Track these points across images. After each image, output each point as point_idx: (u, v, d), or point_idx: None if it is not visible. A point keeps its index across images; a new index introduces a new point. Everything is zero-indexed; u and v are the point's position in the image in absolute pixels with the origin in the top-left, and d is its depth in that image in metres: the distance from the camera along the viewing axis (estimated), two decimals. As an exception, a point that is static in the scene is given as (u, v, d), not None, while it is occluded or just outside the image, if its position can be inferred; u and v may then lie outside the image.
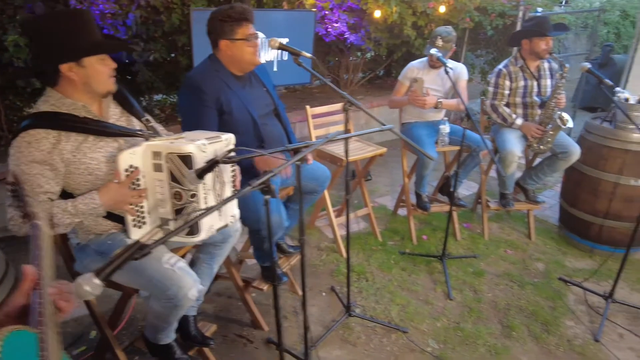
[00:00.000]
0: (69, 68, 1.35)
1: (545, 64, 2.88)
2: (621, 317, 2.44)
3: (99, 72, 1.40)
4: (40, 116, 1.37)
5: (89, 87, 1.41)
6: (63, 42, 1.36)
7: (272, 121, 2.09)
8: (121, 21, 3.38)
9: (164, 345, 1.66)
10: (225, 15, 1.85)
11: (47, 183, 1.35)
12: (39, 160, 1.33)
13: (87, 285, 0.91)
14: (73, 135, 1.39)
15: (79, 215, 1.35)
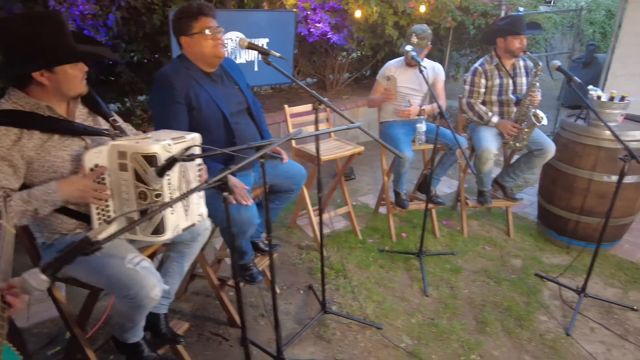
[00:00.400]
0: (40, 74, 1.36)
1: (521, 62, 2.91)
2: (594, 311, 2.47)
3: (70, 77, 1.41)
4: (1, 114, 1.37)
5: (59, 91, 1.43)
6: (36, 49, 1.36)
7: (244, 119, 2.10)
8: (102, 22, 3.38)
9: (132, 344, 1.67)
10: (181, 13, 1.88)
11: (5, 179, 1.36)
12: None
13: (33, 281, 0.92)
14: (37, 133, 1.40)
15: (32, 201, 1.35)
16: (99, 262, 1.45)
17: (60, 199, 1.41)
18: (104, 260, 1.45)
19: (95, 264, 1.45)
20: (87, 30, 3.31)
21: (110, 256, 1.46)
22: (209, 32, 1.92)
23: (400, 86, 2.91)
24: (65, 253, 0.97)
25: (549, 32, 8.21)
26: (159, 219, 1.50)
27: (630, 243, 3.10)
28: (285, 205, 2.48)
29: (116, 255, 1.46)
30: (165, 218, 1.51)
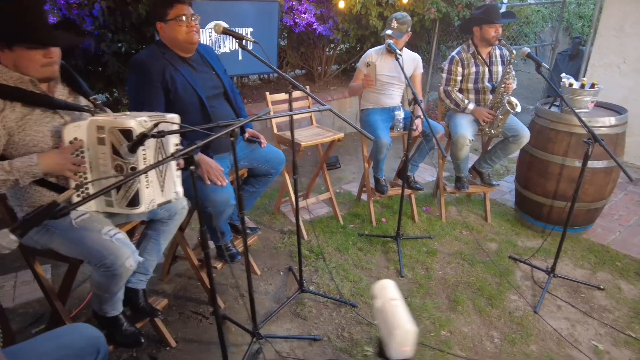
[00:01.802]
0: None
1: (497, 50, 2.99)
2: (562, 290, 2.56)
3: (27, 60, 1.45)
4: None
5: (19, 70, 1.47)
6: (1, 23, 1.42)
7: (221, 103, 2.17)
8: (87, 12, 3.42)
9: (111, 318, 1.74)
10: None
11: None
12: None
13: (2, 240, 0.99)
14: (18, 106, 1.46)
15: (14, 172, 1.41)
16: (78, 234, 1.52)
17: (41, 171, 1.47)
18: (82, 232, 1.52)
19: (74, 236, 1.52)
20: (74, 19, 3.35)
21: (87, 229, 1.53)
22: (184, 19, 1.99)
23: (380, 74, 2.97)
24: (33, 215, 1.03)
25: (538, 25, 8.28)
26: (134, 192, 1.57)
27: (603, 227, 3.20)
28: (264, 189, 2.55)
29: (93, 228, 1.53)
30: (140, 191, 1.58)
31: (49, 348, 1.10)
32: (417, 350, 2.10)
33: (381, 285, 0.86)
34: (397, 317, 0.81)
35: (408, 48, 3.09)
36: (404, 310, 0.82)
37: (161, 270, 2.61)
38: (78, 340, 1.15)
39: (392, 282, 0.89)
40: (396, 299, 0.84)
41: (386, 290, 0.86)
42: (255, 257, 2.81)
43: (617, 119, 2.73)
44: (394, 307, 0.82)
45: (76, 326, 1.23)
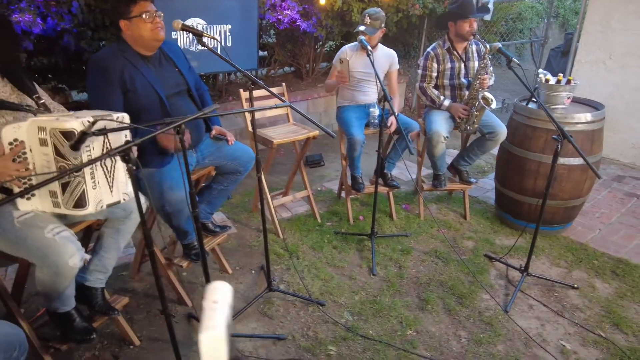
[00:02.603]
0: None
1: (473, 46, 2.95)
2: (536, 289, 2.53)
3: None
4: None
5: None
6: None
7: (183, 100, 2.15)
8: (66, 9, 3.41)
9: (63, 314, 1.73)
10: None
11: None
12: None
13: None
14: None
15: None
16: (20, 233, 1.51)
17: None
18: (24, 231, 1.51)
19: (17, 235, 1.51)
20: (51, 17, 3.35)
21: (31, 227, 1.52)
22: (148, 15, 1.97)
23: (355, 70, 2.94)
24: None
25: (533, 21, 8.20)
26: (79, 193, 1.56)
27: (583, 225, 3.15)
28: (233, 187, 2.52)
29: (37, 226, 1.52)
30: (86, 192, 1.57)
31: None
32: (380, 349, 2.08)
33: (212, 287, 0.83)
34: (208, 319, 0.77)
35: (398, 44, 3.07)
36: (220, 315, 0.78)
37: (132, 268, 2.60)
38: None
39: (227, 285, 0.86)
40: (217, 302, 0.81)
41: (214, 292, 0.83)
42: (228, 256, 2.80)
43: (593, 115, 2.68)
44: (211, 310, 0.79)
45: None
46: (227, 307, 0.80)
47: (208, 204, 2.49)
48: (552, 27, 9.22)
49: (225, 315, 0.79)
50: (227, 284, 0.86)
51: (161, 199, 1.99)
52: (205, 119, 2.32)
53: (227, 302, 0.81)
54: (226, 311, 0.79)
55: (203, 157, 2.32)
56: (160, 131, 1.42)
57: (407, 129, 2.90)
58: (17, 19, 3.05)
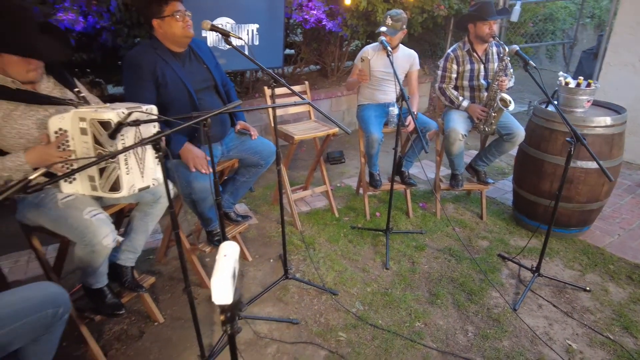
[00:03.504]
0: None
1: (494, 48, 2.98)
2: (547, 290, 2.56)
3: (14, 65, 1.62)
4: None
5: (6, 73, 1.64)
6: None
7: (209, 96, 2.30)
8: (105, 8, 3.63)
9: (97, 290, 1.91)
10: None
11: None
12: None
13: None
14: (4, 103, 1.63)
15: (6, 170, 1.59)
16: (62, 213, 1.68)
17: (30, 167, 1.64)
18: (66, 211, 1.68)
19: (59, 215, 1.68)
20: (92, 16, 3.57)
21: (71, 208, 1.69)
22: (179, 15, 2.12)
23: (376, 70, 3.03)
24: (6, 188, 1.18)
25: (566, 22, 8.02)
26: (115, 177, 1.72)
27: (602, 230, 3.14)
28: (255, 179, 2.66)
29: (77, 207, 1.69)
30: (121, 177, 1.73)
31: (15, 298, 1.26)
32: (388, 338, 2.17)
33: (224, 245, 0.97)
34: (219, 267, 0.92)
35: (424, 44, 3.14)
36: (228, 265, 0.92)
37: (158, 252, 2.78)
38: (40, 294, 1.30)
39: (235, 244, 1.00)
40: (227, 256, 0.95)
41: (225, 248, 0.97)
42: (249, 245, 2.94)
43: (613, 119, 2.68)
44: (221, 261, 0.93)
45: (41, 283, 1.38)
46: (233, 260, 0.96)
47: (231, 194, 2.63)
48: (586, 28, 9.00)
49: (232, 265, 0.95)
50: (235, 244, 1.01)
51: (188, 187, 2.14)
52: (231, 114, 2.47)
53: (234, 257, 0.97)
54: (232, 263, 0.94)
55: (228, 149, 2.46)
56: (189, 123, 1.55)
57: (425, 128, 2.97)
58: (61, 17, 3.28)
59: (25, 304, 1.25)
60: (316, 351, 2.10)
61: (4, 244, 2.87)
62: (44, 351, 1.33)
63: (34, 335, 1.26)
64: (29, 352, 1.30)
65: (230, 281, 0.92)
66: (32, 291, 1.31)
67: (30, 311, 1.24)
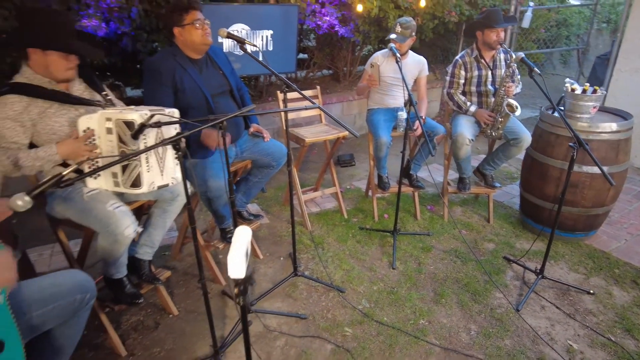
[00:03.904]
0: (34, 52, 1.73)
1: (502, 54, 3.04)
2: (551, 292, 2.61)
3: (57, 64, 1.77)
4: (16, 85, 1.75)
5: (47, 70, 1.78)
6: (39, 32, 1.73)
7: (225, 100, 2.41)
8: (126, 14, 3.79)
9: (117, 280, 2.03)
10: (174, 7, 2.20)
11: (17, 136, 1.74)
12: (11, 118, 1.72)
13: (19, 200, 1.27)
14: (40, 101, 1.77)
15: (39, 159, 1.73)
16: (88, 205, 1.81)
17: (59, 158, 1.78)
18: (91, 204, 1.81)
19: (84, 207, 1.81)
20: (113, 22, 3.73)
21: (96, 201, 1.82)
22: (198, 23, 2.24)
23: (385, 76, 3.12)
24: (43, 182, 1.30)
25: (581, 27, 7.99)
26: (136, 174, 1.84)
27: (609, 235, 3.17)
28: (267, 180, 2.76)
29: (101, 200, 1.82)
30: (141, 174, 1.85)
31: (46, 284, 1.38)
32: (392, 334, 2.25)
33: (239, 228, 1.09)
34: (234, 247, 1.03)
35: (436, 50, 3.22)
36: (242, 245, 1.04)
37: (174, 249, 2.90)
38: (70, 281, 1.42)
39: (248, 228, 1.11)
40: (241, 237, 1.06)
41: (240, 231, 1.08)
42: (260, 243, 3.05)
43: (619, 124, 2.72)
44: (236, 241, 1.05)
45: (71, 271, 1.51)
46: (246, 242, 1.09)
47: (244, 194, 2.75)
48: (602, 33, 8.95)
49: (245, 246, 1.09)
50: (249, 229, 1.14)
51: (204, 185, 2.26)
52: (245, 117, 2.58)
53: (247, 239, 1.10)
54: (246, 244, 1.09)
55: (241, 151, 2.57)
56: (206, 126, 1.67)
57: (433, 133, 3.05)
58: (85, 23, 3.44)
59: (56, 289, 1.37)
60: (323, 345, 2.19)
61: (29, 238, 3.02)
62: (71, 333, 1.45)
63: (63, 318, 1.38)
64: (57, 333, 1.42)
65: (244, 258, 1.04)
66: (63, 278, 1.43)
67: (61, 296, 1.35)
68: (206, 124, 1.79)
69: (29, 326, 1.26)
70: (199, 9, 2.25)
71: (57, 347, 1.42)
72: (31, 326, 1.27)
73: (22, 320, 1.22)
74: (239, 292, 1.12)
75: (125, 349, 2.13)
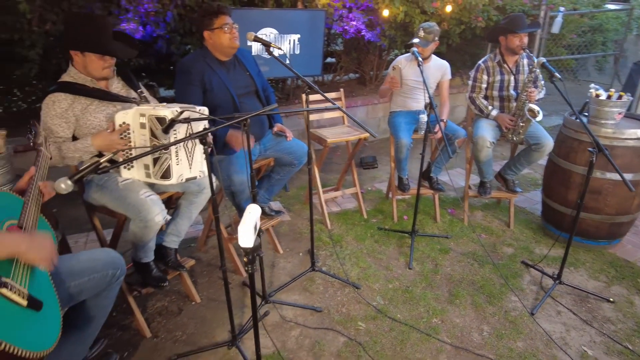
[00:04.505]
0: (75, 54, 1.91)
1: (525, 59, 3.05)
2: (568, 298, 2.59)
3: (94, 64, 1.94)
4: (62, 84, 1.93)
5: (86, 70, 1.96)
6: (80, 36, 1.91)
7: (250, 100, 2.54)
8: (162, 18, 4.00)
9: (145, 264, 2.18)
10: (205, 11, 2.34)
11: (63, 131, 1.92)
12: (58, 115, 1.90)
13: (62, 184, 1.41)
14: (82, 99, 1.94)
15: (78, 151, 1.90)
16: (122, 193, 1.96)
17: (94, 149, 1.95)
18: (125, 192, 1.96)
19: (119, 195, 1.97)
20: (150, 25, 3.95)
21: (129, 189, 1.97)
22: (227, 27, 2.37)
23: (408, 79, 3.18)
24: (83, 169, 1.44)
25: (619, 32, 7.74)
26: (166, 166, 1.98)
27: (634, 244, 3.11)
28: (288, 177, 2.87)
29: (133, 189, 1.97)
30: (171, 166, 1.98)
31: (83, 259, 1.54)
32: (405, 331, 2.30)
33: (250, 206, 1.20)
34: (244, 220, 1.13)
35: (464, 55, 3.26)
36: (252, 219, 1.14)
37: (199, 241, 3.05)
38: (104, 257, 1.57)
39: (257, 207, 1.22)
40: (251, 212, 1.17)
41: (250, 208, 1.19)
42: (281, 239, 3.16)
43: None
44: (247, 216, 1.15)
45: (106, 249, 1.66)
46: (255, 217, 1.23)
47: (266, 190, 2.86)
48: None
49: (254, 220, 1.23)
50: (257, 206, 1.28)
51: (228, 180, 2.38)
52: (269, 117, 2.70)
53: (256, 215, 1.24)
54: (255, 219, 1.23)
55: (265, 149, 2.69)
56: (230, 123, 1.78)
57: (454, 136, 3.08)
58: (124, 27, 3.66)
59: (92, 264, 1.51)
60: (336, 337, 2.27)
61: (67, 226, 3.23)
62: (103, 305, 1.59)
63: (97, 290, 1.52)
64: (91, 304, 1.56)
65: (253, 231, 1.17)
66: (98, 254, 1.57)
67: (95, 270, 1.50)
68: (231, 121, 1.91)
69: (67, 294, 1.41)
70: (227, 14, 2.39)
71: (90, 316, 1.56)
72: (69, 295, 1.42)
73: (61, 289, 1.37)
74: (248, 260, 1.27)
75: (150, 331, 2.27)
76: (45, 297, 1.22)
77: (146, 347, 2.19)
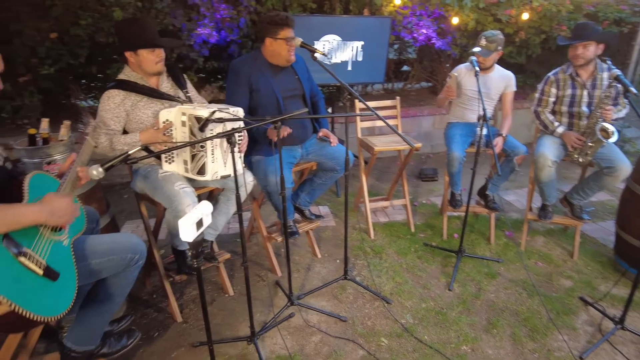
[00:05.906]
0: (129, 55, 2.10)
1: (604, 73, 2.72)
2: (631, 347, 2.26)
3: (147, 60, 2.11)
4: (118, 82, 2.14)
5: (140, 68, 2.14)
6: (130, 37, 2.10)
7: (295, 103, 2.59)
8: (236, 24, 4.25)
9: (180, 251, 2.32)
10: (272, 20, 2.41)
11: (114, 125, 2.12)
12: (112, 110, 2.10)
13: (94, 170, 1.57)
14: (133, 95, 2.14)
15: (127, 144, 2.08)
16: (161, 183, 2.12)
17: (141, 144, 2.12)
18: (162, 182, 2.12)
19: (158, 185, 2.13)
20: (224, 30, 4.20)
21: (167, 181, 2.12)
22: (289, 41, 2.44)
23: (467, 89, 3.02)
24: (113, 158, 1.59)
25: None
26: (202, 164, 2.10)
27: None
28: (331, 183, 2.87)
29: (170, 181, 2.11)
30: (206, 164, 2.10)
31: (106, 240, 1.69)
32: (429, 354, 2.18)
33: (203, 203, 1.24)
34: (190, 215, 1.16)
35: (544, 66, 3.03)
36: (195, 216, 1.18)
37: (243, 237, 3.17)
38: (125, 241, 1.71)
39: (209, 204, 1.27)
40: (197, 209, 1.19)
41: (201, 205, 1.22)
42: (321, 244, 3.17)
43: None
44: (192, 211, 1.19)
45: (128, 234, 1.80)
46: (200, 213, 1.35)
47: (308, 193, 2.89)
48: None
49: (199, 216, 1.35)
50: (209, 204, 1.38)
51: (264, 179, 2.46)
52: (313, 121, 2.73)
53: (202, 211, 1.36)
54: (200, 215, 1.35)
55: (307, 153, 2.72)
56: (257, 124, 1.85)
57: (513, 152, 2.86)
58: (199, 32, 3.95)
59: (113, 246, 1.66)
60: (355, 349, 2.21)
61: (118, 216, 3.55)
62: (121, 284, 1.74)
63: (115, 270, 1.66)
64: (111, 282, 1.71)
65: (194, 226, 1.28)
66: (121, 237, 1.72)
67: (116, 252, 1.64)
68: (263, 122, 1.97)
69: (88, 270, 1.56)
70: (292, 27, 2.45)
71: (110, 293, 1.71)
72: (90, 270, 1.57)
73: (82, 264, 1.52)
74: (192, 254, 1.39)
75: (181, 316, 2.41)
76: (63, 270, 1.36)
77: (175, 330, 2.34)
